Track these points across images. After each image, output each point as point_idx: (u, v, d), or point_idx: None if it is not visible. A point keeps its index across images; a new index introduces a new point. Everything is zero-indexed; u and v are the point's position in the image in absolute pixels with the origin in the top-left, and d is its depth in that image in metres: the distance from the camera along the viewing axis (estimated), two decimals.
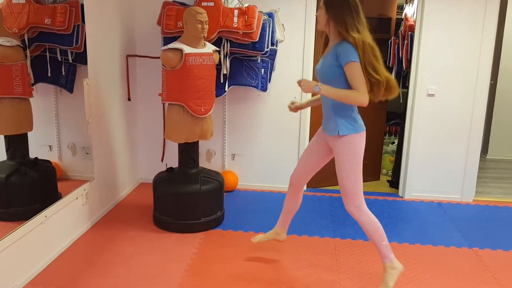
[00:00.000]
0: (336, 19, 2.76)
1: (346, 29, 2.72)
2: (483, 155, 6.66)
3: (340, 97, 2.78)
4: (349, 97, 2.74)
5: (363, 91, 2.70)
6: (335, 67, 2.77)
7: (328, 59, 2.83)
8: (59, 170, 3.93)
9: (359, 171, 2.90)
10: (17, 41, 3.30)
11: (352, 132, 2.85)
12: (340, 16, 2.74)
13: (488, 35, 4.51)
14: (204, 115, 3.84)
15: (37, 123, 3.55)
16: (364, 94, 2.71)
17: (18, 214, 3.30)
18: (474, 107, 4.66)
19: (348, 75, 2.73)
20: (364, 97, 2.71)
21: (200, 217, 3.94)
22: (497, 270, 3.44)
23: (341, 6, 2.75)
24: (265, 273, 3.33)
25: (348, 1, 2.74)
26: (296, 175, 3.30)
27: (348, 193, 2.94)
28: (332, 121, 2.90)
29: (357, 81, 2.71)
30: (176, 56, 3.66)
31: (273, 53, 4.55)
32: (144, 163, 5.13)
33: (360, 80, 2.70)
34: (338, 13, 2.75)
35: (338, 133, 2.86)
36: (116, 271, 3.30)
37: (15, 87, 3.26)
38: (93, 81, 3.87)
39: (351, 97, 2.73)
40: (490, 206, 4.75)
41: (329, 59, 2.82)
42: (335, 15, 2.76)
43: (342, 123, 2.85)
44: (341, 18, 2.74)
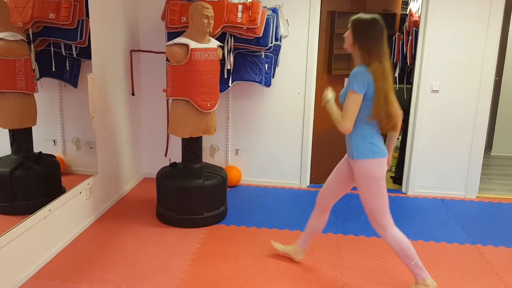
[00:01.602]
0: (360, 44, 2.79)
1: (368, 56, 2.74)
2: (487, 152, 6.64)
3: (331, 114, 2.84)
4: (333, 118, 2.81)
5: (345, 118, 2.73)
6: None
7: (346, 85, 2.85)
8: (63, 164, 3.94)
9: (380, 192, 2.86)
10: (21, 35, 3.31)
11: (368, 157, 2.82)
12: (364, 42, 2.77)
13: (493, 31, 4.48)
14: (210, 110, 3.85)
15: (41, 118, 3.56)
16: (345, 121, 2.73)
17: (22, 208, 3.31)
18: (478, 104, 4.65)
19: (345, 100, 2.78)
20: (343, 124, 2.74)
21: (203, 212, 3.95)
22: (499, 267, 3.44)
23: (366, 33, 2.78)
24: (268, 268, 3.33)
25: (373, 29, 2.77)
26: (322, 195, 3.23)
27: (370, 214, 2.94)
28: (350, 143, 2.90)
29: (344, 108, 2.75)
30: (182, 51, 3.66)
31: (277, 49, 4.54)
32: (147, 158, 5.14)
33: (348, 108, 2.73)
34: (362, 39, 2.77)
35: (353, 157, 2.85)
36: (120, 265, 3.31)
37: (18, 82, 3.27)
38: (97, 76, 3.88)
39: (335, 119, 2.80)
40: (493, 203, 4.74)
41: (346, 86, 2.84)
42: (359, 40, 2.79)
43: (358, 147, 2.84)
44: (365, 44, 2.76)
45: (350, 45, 2.84)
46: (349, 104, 2.73)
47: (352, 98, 2.72)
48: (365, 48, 2.76)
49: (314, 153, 5.03)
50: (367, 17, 2.82)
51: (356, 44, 2.80)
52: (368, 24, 2.79)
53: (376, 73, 2.70)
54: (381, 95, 2.71)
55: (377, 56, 2.74)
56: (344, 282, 3.19)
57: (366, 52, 2.75)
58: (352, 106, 2.72)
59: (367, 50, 2.75)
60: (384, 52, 2.77)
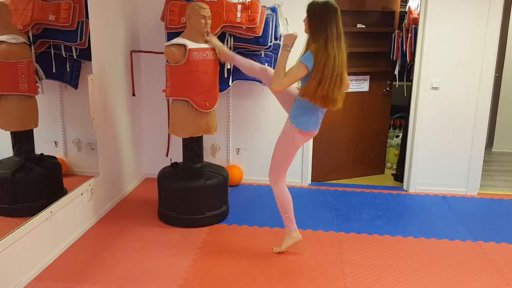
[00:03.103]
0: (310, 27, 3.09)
1: (314, 38, 3.03)
2: (488, 148, 6.64)
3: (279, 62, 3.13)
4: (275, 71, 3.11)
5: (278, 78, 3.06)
6: None
7: None
8: (64, 165, 3.95)
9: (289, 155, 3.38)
10: (23, 38, 3.32)
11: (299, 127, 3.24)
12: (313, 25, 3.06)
13: (493, 27, 4.48)
14: (209, 110, 3.85)
15: (42, 119, 3.57)
16: (277, 80, 3.06)
17: (24, 209, 3.32)
18: (479, 100, 4.64)
19: None
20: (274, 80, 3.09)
21: (205, 212, 3.96)
22: (501, 264, 3.44)
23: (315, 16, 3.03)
24: (270, 267, 3.34)
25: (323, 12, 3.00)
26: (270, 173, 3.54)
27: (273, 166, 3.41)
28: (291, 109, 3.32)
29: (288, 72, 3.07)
30: (179, 52, 3.67)
31: (277, 48, 4.53)
32: (148, 158, 5.15)
33: (288, 73, 3.06)
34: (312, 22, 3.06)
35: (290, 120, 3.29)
36: (122, 266, 3.32)
37: (20, 85, 3.28)
38: (97, 77, 3.89)
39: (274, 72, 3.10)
40: (495, 200, 4.74)
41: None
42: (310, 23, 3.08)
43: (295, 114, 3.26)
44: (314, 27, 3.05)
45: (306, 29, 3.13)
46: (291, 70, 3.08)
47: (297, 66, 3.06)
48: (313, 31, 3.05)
49: (315, 151, 5.03)
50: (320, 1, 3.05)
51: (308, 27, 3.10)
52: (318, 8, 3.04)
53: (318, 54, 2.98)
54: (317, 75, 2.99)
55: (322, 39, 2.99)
56: (346, 280, 3.19)
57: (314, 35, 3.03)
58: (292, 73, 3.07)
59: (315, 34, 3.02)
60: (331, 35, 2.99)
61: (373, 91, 5.18)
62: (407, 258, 3.49)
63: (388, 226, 4.01)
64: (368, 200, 4.63)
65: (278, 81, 3.06)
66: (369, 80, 5.14)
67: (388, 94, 5.29)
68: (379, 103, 5.25)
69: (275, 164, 3.40)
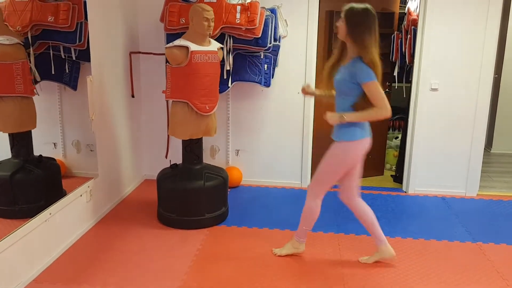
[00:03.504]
0: (354, 35, 2.90)
1: (363, 46, 2.87)
2: (488, 149, 6.64)
3: (365, 119, 3.00)
4: (373, 116, 2.94)
5: (380, 106, 2.89)
6: (350, 83, 2.94)
7: (345, 75, 2.98)
8: (63, 167, 3.94)
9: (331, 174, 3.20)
10: (17, 39, 3.31)
11: (351, 139, 3.05)
12: (359, 33, 2.88)
13: (492, 28, 4.48)
14: (209, 113, 3.84)
15: (41, 121, 3.56)
16: (386, 108, 2.89)
17: (23, 211, 3.32)
18: (478, 101, 4.65)
19: (368, 94, 2.89)
20: (386, 111, 2.90)
21: (204, 213, 3.95)
22: (500, 264, 3.44)
23: (359, 22, 2.89)
24: (269, 268, 3.34)
25: (366, 19, 2.89)
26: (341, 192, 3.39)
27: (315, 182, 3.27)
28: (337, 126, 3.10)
29: (376, 98, 2.88)
30: (181, 53, 3.66)
31: (276, 49, 4.54)
32: (148, 159, 5.14)
33: (378, 96, 2.88)
34: (357, 30, 2.89)
35: (338, 139, 3.09)
36: (121, 268, 3.32)
37: (16, 86, 3.27)
38: (96, 78, 3.88)
39: (375, 116, 2.93)
40: (494, 201, 4.74)
41: (346, 75, 2.97)
42: (354, 31, 2.90)
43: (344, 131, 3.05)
44: (359, 35, 2.88)
45: (344, 36, 2.96)
46: (376, 93, 2.87)
47: (374, 87, 2.87)
48: (359, 39, 2.88)
49: (314, 152, 5.03)
50: (360, 7, 2.91)
51: (351, 35, 2.91)
52: (361, 15, 2.90)
53: (374, 62, 2.86)
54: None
55: (370, 46, 2.87)
56: (345, 281, 3.19)
57: (361, 44, 2.88)
58: (379, 92, 2.87)
59: (361, 41, 2.88)
60: (376, 42, 2.91)
61: None
62: (406, 259, 3.49)
63: (387, 227, 4.00)
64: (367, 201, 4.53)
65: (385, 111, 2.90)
66: None
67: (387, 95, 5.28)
68: None
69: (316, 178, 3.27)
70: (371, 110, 2.91)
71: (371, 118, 2.96)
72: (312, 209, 3.30)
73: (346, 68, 2.98)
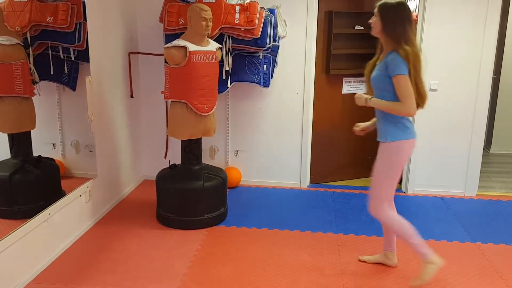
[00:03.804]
0: (389, 30, 2.84)
1: (398, 40, 2.81)
2: (487, 150, 6.64)
3: (387, 109, 2.90)
4: (394, 109, 2.86)
5: (407, 103, 2.80)
6: (385, 77, 2.86)
7: (380, 69, 2.91)
8: (62, 167, 3.94)
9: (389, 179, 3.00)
10: (17, 39, 3.30)
11: (400, 139, 2.94)
12: (393, 27, 2.82)
13: (491, 28, 4.48)
14: (207, 113, 3.84)
15: (40, 121, 3.56)
16: (408, 105, 2.80)
17: (22, 212, 3.31)
18: (477, 101, 4.65)
19: (395, 87, 2.83)
20: (407, 108, 2.81)
21: (204, 214, 3.95)
22: (499, 265, 3.44)
23: (394, 17, 2.82)
24: (268, 269, 3.34)
25: (402, 13, 2.82)
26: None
27: (374, 195, 3.05)
28: (383, 127, 3.00)
29: (401, 93, 2.80)
30: (180, 54, 3.66)
31: (275, 49, 4.54)
32: (147, 160, 5.14)
33: (405, 92, 2.79)
34: (392, 24, 2.83)
35: (387, 139, 2.95)
36: (120, 268, 3.31)
37: (16, 86, 3.27)
38: (95, 79, 3.88)
39: (396, 109, 2.85)
40: (493, 201, 4.74)
41: (381, 68, 2.90)
42: (389, 26, 2.84)
43: (392, 130, 2.94)
44: (394, 29, 2.82)
45: (379, 32, 2.90)
46: (403, 88, 2.79)
47: (403, 81, 2.78)
48: (394, 33, 2.82)
49: (313, 153, 5.03)
50: (394, 2, 2.85)
51: (384, 30, 2.85)
52: (396, 9, 2.83)
53: (408, 56, 2.77)
54: (412, 77, 2.80)
55: (408, 40, 2.80)
56: (344, 281, 3.19)
57: (395, 38, 2.81)
58: (407, 88, 2.79)
59: (396, 35, 2.81)
60: (413, 35, 2.85)
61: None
62: (405, 259, 3.49)
63: None
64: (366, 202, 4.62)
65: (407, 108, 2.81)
66: None
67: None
68: None
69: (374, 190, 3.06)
70: (396, 103, 2.83)
71: (394, 111, 2.86)
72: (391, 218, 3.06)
73: (381, 64, 2.92)
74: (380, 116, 3.02)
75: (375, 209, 3.06)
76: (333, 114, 5.10)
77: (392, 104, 2.86)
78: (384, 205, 3.04)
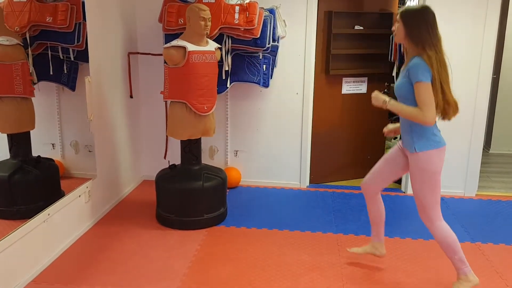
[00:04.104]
0: (413, 35, 2.77)
1: (423, 46, 2.74)
2: (486, 150, 6.64)
3: (404, 114, 2.82)
4: (412, 115, 2.76)
5: (426, 110, 2.69)
6: (407, 83, 2.78)
7: (403, 76, 2.84)
8: (61, 168, 3.94)
9: (434, 186, 2.90)
10: (17, 39, 3.30)
11: (429, 149, 2.85)
12: (418, 33, 2.75)
13: (490, 28, 4.48)
14: (207, 113, 3.84)
15: (39, 121, 3.56)
16: (427, 114, 2.70)
17: (21, 212, 3.31)
18: (476, 101, 4.64)
19: (415, 94, 2.73)
20: (426, 117, 2.70)
21: (203, 214, 3.95)
22: (499, 265, 3.44)
23: (418, 22, 2.76)
24: (268, 269, 3.33)
25: (425, 18, 2.75)
26: (369, 182, 3.24)
27: (421, 206, 2.98)
28: (409, 136, 2.90)
29: (421, 99, 2.71)
30: (179, 54, 3.66)
31: (275, 49, 4.54)
32: (146, 160, 5.14)
33: (424, 99, 2.69)
34: (416, 30, 2.76)
35: (415, 150, 2.86)
36: (120, 268, 3.31)
37: (15, 86, 3.27)
38: (95, 79, 3.88)
39: (414, 115, 2.75)
40: (493, 201, 4.74)
41: (404, 75, 2.83)
42: (412, 31, 2.77)
43: (418, 140, 2.85)
44: (418, 35, 2.75)
45: (403, 38, 2.83)
46: (423, 95, 2.70)
47: (424, 88, 2.70)
48: (418, 39, 2.75)
49: (313, 153, 5.03)
50: (417, 7, 2.82)
51: (408, 35, 2.79)
52: (419, 15, 2.77)
53: (432, 62, 2.71)
54: (437, 84, 2.72)
55: (432, 45, 2.74)
56: (344, 281, 3.18)
57: (420, 43, 2.75)
58: (429, 95, 2.69)
59: (420, 41, 2.74)
60: (438, 40, 2.78)
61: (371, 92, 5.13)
62: (405, 260, 3.49)
63: (386, 228, 3.97)
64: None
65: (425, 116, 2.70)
66: (367, 82, 5.14)
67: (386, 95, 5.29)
68: None
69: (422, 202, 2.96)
70: (414, 109, 2.73)
71: (411, 116, 2.76)
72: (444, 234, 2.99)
73: (404, 70, 2.83)
74: (405, 124, 2.92)
75: (429, 221, 2.99)
76: (333, 114, 5.10)
77: (410, 110, 2.76)
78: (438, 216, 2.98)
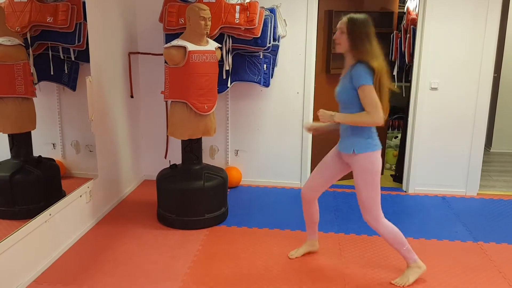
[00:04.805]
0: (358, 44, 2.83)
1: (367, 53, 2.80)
2: (487, 149, 6.64)
3: (355, 122, 2.89)
4: (362, 120, 2.85)
5: (374, 112, 2.78)
6: (350, 90, 2.85)
7: (345, 83, 2.90)
8: (62, 168, 3.93)
9: (376, 186, 2.98)
10: (19, 40, 3.30)
11: (369, 150, 2.92)
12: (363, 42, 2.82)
13: (491, 27, 4.48)
14: (207, 113, 3.84)
15: (40, 121, 3.55)
16: (376, 115, 2.78)
17: (23, 212, 3.31)
18: (477, 100, 4.64)
19: (360, 97, 2.81)
20: (375, 118, 2.79)
21: (204, 214, 3.95)
22: (502, 264, 3.43)
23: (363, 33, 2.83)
24: (269, 269, 3.33)
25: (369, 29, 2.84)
26: (308, 188, 3.31)
27: (364, 206, 3.04)
28: (349, 139, 2.98)
29: (367, 102, 2.79)
30: (179, 54, 3.66)
31: (275, 49, 4.54)
32: (147, 160, 5.13)
33: (371, 101, 2.77)
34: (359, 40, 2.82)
35: (354, 151, 2.93)
36: (121, 268, 3.31)
37: (17, 87, 3.26)
38: (95, 79, 3.87)
39: (363, 120, 2.83)
40: (494, 200, 4.74)
41: (346, 82, 2.89)
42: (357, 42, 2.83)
43: (358, 142, 2.92)
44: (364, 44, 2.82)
45: (346, 48, 2.89)
46: (370, 96, 2.77)
47: (369, 90, 2.77)
48: (363, 47, 2.82)
49: (314, 152, 5.02)
50: (362, 17, 2.88)
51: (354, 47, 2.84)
52: (365, 25, 2.85)
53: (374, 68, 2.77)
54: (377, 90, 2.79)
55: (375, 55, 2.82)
56: (346, 281, 3.18)
57: (364, 53, 2.81)
58: (375, 96, 2.77)
59: (365, 51, 2.81)
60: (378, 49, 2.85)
61: None
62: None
63: None
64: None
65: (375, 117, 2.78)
66: None
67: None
68: None
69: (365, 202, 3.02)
70: (363, 114, 2.82)
71: (361, 122, 2.86)
72: (389, 229, 3.07)
73: (345, 76, 2.91)
74: (346, 128, 2.99)
75: (375, 220, 3.05)
76: None
77: (359, 116, 2.84)
78: (381, 214, 3.06)
